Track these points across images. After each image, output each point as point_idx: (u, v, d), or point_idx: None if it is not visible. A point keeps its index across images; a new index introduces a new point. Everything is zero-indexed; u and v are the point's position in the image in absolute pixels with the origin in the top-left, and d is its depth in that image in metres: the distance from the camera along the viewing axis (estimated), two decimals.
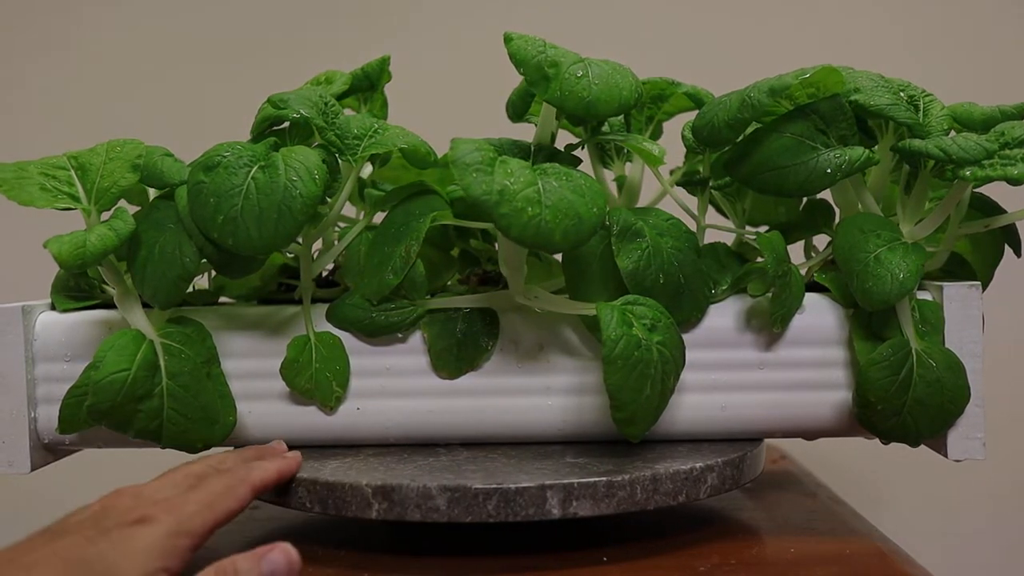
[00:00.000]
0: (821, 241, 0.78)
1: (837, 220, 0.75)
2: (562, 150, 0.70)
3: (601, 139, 0.71)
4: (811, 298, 0.69)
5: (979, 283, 0.67)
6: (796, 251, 0.73)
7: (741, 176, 0.67)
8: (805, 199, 0.78)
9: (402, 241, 0.67)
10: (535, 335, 0.68)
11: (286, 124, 0.74)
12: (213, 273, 0.75)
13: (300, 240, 0.69)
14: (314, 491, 0.62)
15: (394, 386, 0.68)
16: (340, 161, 0.68)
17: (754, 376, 0.68)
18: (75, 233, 0.62)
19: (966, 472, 1.07)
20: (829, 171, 0.64)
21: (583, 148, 0.73)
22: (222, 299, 0.77)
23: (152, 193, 0.72)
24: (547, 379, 0.68)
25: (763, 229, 0.77)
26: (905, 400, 0.64)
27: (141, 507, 0.54)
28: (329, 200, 0.69)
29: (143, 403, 0.63)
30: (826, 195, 0.72)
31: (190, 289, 0.71)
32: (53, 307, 0.72)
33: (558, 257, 0.76)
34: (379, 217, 0.73)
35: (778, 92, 0.63)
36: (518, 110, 0.72)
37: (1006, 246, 0.73)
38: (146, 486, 0.57)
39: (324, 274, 0.76)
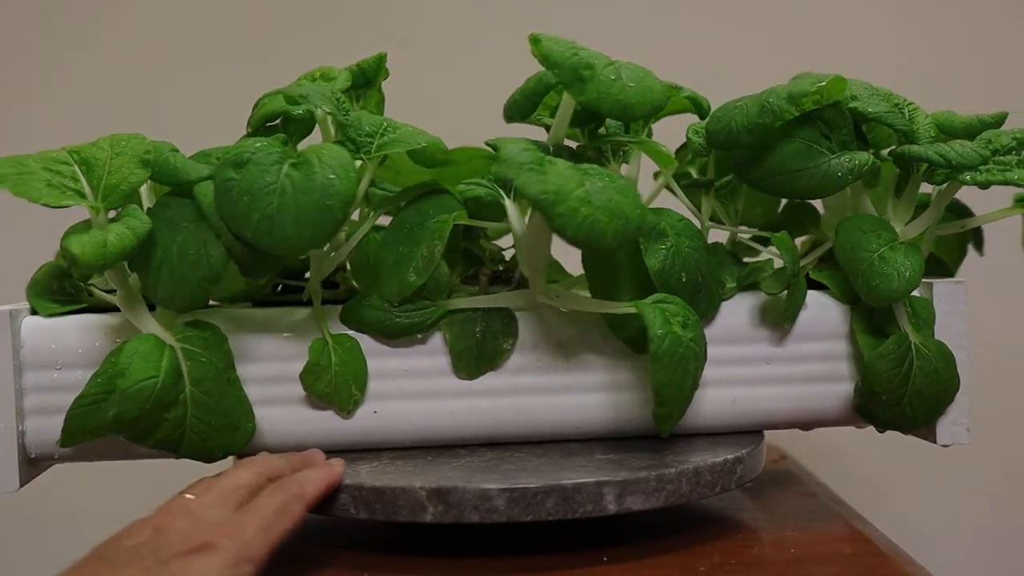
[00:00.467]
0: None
1: (823, 221, 0.79)
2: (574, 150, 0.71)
3: (609, 140, 0.72)
4: (812, 295, 0.72)
5: (963, 280, 0.72)
6: None
7: (751, 179, 0.69)
8: (784, 201, 0.81)
9: (421, 241, 0.66)
10: (555, 334, 0.68)
11: (278, 120, 0.72)
12: None
13: None
14: (360, 497, 0.60)
15: (413, 388, 0.67)
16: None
17: (763, 370, 0.70)
18: (93, 232, 0.58)
19: (966, 472, 1.11)
20: (840, 175, 0.67)
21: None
22: (211, 302, 0.73)
23: (145, 190, 0.68)
24: (567, 378, 0.68)
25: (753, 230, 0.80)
26: (905, 390, 0.68)
27: (199, 532, 0.51)
28: None
29: (169, 411, 0.60)
30: None
31: None
32: (34, 312, 0.67)
33: (557, 257, 0.77)
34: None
35: (796, 99, 0.65)
36: (523, 111, 0.72)
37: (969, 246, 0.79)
38: (197, 503, 0.54)
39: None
